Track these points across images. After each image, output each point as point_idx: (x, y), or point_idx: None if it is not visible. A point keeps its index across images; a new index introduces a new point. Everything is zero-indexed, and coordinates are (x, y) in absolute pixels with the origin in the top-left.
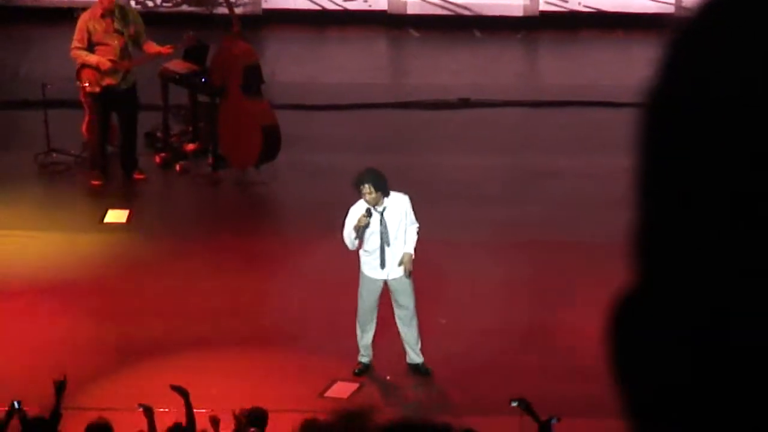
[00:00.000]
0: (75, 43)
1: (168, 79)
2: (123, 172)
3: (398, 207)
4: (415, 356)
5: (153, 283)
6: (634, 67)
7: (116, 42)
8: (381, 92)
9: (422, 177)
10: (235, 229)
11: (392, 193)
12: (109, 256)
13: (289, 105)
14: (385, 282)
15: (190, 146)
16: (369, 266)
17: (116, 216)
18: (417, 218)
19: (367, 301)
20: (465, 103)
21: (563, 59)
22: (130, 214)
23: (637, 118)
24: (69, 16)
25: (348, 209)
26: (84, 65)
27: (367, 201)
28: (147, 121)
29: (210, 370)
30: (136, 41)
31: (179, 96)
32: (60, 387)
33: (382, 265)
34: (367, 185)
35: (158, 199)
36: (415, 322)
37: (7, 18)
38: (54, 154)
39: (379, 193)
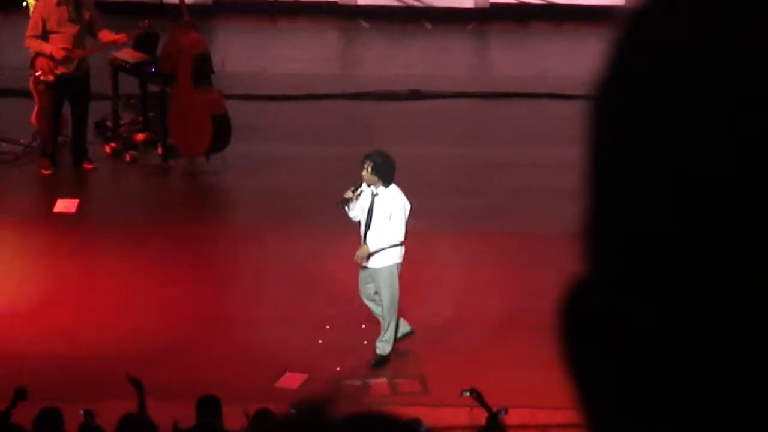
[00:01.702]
0: (29, 32)
1: (118, 68)
2: (73, 161)
3: (390, 203)
4: (380, 344)
5: (103, 272)
6: (585, 60)
7: (71, 30)
8: (332, 83)
9: None
10: (185, 218)
11: (395, 188)
12: (58, 246)
13: (239, 95)
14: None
15: (140, 136)
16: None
17: (65, 205)
18: (403, 232)
19: (360, 282)
20: (416, 95)
21: (514, 51)
22: (79, 203)
23: (585, 109)
24: (18, 4)
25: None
26: (38, 54)
27: (363, 177)
28: (97, 111)
29: (161, 360)
30: (91, 30)
31: (129, 85)
32: (19, 394)
33: (363, 242)
34: (369, 163)
35: (108, 188)
36: (387, 318)
37: None
38: (2, 143)
39: (375, 177)
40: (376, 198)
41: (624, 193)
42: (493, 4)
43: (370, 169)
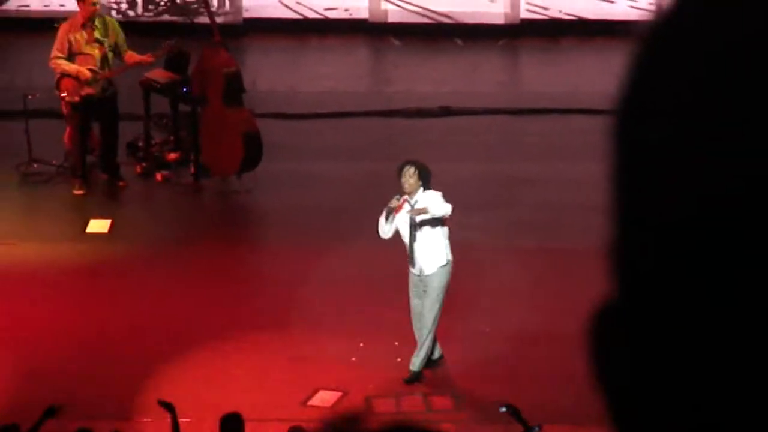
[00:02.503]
0: (55, 53)
1: (149, 88)
2: (105, 179)
3: (431, 203)
4: (415, 360)
5: (136, 293)
6: (615, 75)
7: (96, 52)
8: (362, 101)
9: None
10: (218, 237)
11: (432, 192)
12: (91, 266)
13: (270, 114)
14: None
15: (172, 155)
16: (409, 261)
17: (98, 226)
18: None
19: (411, 297)
20: (446, 111)
21: (544, 67)
22: (111, 223)
23: (608, 127)
24: (49, 26)
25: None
26: (63, 75)
27: (403, 185)
28: (128, 131)
29: (193, 378)
30: (117, 51)
31: (160, 105)
32: (49, 412)
33: (411, 260)
34: (412, 168)
35: (140, 208)
36: (426, 330)
37: None
38: (35, 165)
39: (419, 182)
40: (415, 206)
41: (648, 212)
42: (523, 20)
43: (413, 174)
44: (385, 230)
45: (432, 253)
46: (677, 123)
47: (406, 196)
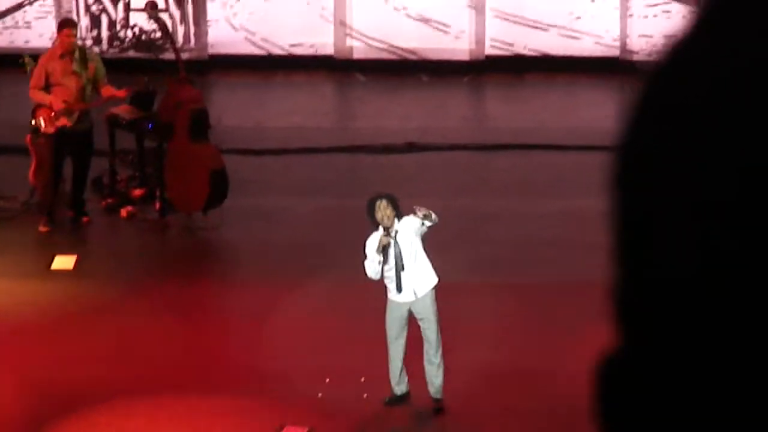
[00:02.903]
0: (32, 83)
1: (115, 124)
2: (70, 215)
3: (409, 228)
4: (433, 391)
5: (101, 329)
6: (579, 110)
7: (73, 83)
8: (328, 136)
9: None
10: (183, 274)
11: (405, 218)
12: (56, 303)
13: (236, 149)
14: (411, 307)
15: (137, 191)
16: (392, 291)
17: (63, 262)
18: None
19: (391, 328)
20: (412, 147)
21: (509, 102)
22: (77, 260)
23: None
24: (14, 61)
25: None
26: (39, 105)
27: (381, 220)
28: (94, 167)
29: (157, 416)
30: (95, 84)
31: (126, 141)
32: None
33: (399, 288)
34: (384, 201)
35: (106, 244)
36: (436, 355)
37: None
38: (0, 201)
39: (394, 212)
40: (397, 236)
41: (654, 265)
42: (488, 56)
43: (388, 206)
44: (378, 270)
45: (423, 275)
46: (680, 166)
47: (395, 227)
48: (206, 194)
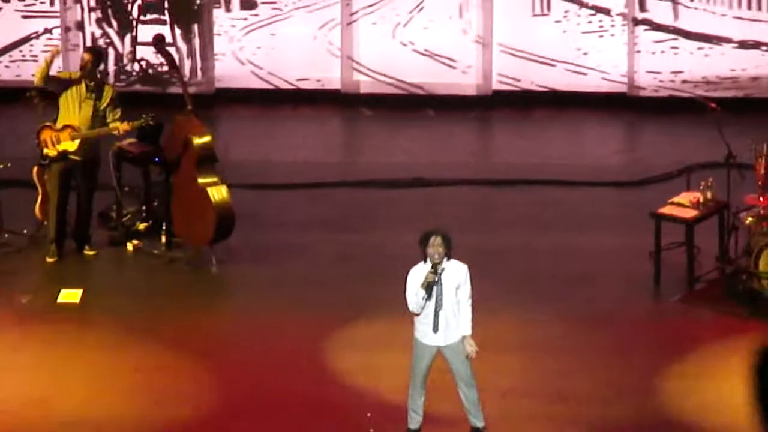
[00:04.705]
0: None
1: (121, 158)
2: (75, 247)
3: (456, 273)
4: (474, 419)
5: (106, 363)
6: (587, 146)
7: (83, 109)
8: (335, 171)
9: (376, 256)
10: (189, 308)
11: (452, 260)
12: (62, 337)
13: (242, 184)
14: (439, 349)
15: (143, 225)
16: (422, 332)
17: (69, 296)
18: (469, 292)
19: (417, 368)
20: (419, 182)
21: (516, 138)
22: (83, 294)
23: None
24: (21, 96)
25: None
26: (43, 126)
27: (431, 255)
28: (100, 201)
29: None
30: (104, 115)
31: (132, 175)
32: None
33: (435, 328)
34: (438, 237)
35: (111, 278)
36: (473, 386)
37: None
38: (6, 235)
39: (446, 251)
40: (442, 275)
41: None
42: (495, 91)
43: (441, 243)
44: (421, 305)
45: (458, 323)
46: None
47: (441, 266)
48: (213, 228)
